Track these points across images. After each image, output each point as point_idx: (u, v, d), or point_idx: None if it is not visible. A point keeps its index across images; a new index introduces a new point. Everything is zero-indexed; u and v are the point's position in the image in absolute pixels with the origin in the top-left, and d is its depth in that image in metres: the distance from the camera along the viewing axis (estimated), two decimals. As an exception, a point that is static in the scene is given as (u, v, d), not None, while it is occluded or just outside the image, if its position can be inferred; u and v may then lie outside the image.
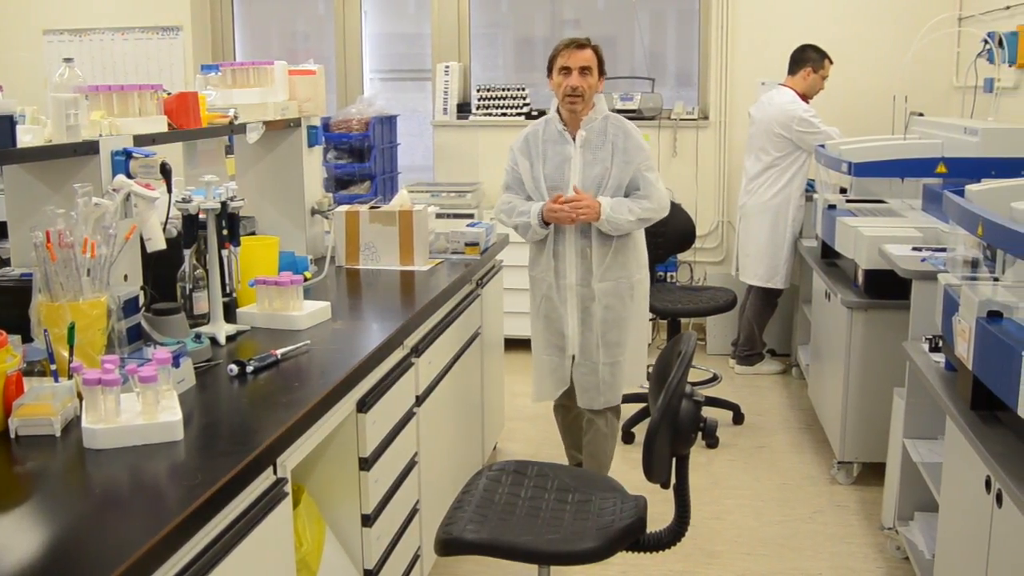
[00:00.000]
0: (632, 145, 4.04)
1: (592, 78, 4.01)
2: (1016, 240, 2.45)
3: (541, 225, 4.01)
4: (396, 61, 7.79)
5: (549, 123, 4.13)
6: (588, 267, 4.07)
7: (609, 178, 4.00)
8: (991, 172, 4.43)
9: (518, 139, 4.18)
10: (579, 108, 4.01)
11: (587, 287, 4.07)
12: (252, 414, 2.41)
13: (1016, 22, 5.25)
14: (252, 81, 3.83)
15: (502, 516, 2.67)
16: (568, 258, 4.08)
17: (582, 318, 4.11)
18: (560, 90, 4.02)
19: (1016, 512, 2.36)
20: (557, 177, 4.05)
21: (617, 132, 4.05)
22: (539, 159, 4.09)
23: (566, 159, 4.05)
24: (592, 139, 4.03)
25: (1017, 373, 2.36)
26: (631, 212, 3.97)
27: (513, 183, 4.17)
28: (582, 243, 4.06)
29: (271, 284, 3.15)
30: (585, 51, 4.00)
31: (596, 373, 4.13)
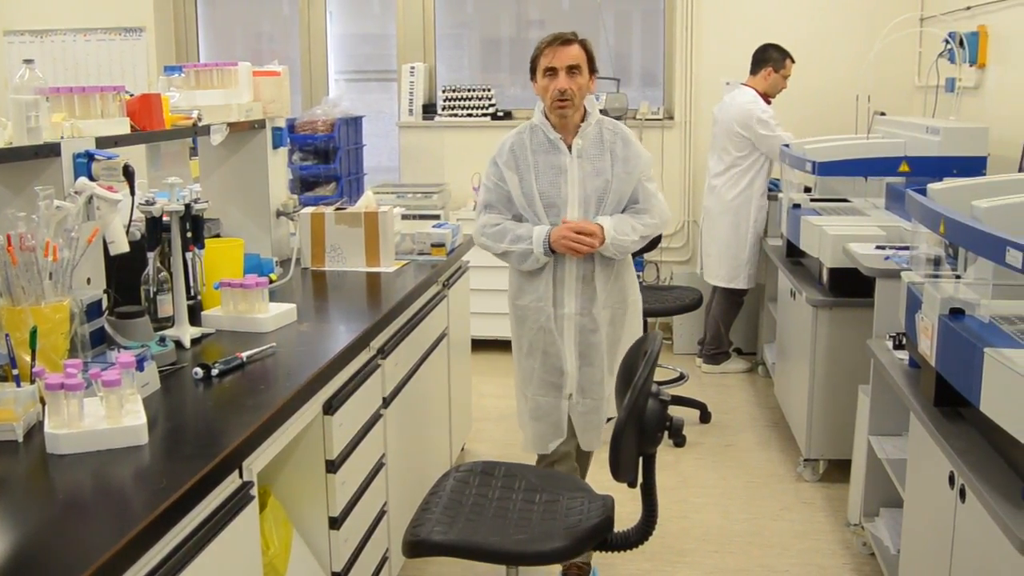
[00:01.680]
0: (632, 153, 3.60)
1: (582, 78, 3.53)
2: (977, 238, 2.47)
3: (547, 253, 3.52)
4: (361, 62, 7.77)
5: (535, 130, 3.62)
6: (591, 294, 3.61)
7: (610, 192, 3.55)
8: (953, 171, 4.48)
9: (500, 150, 3.66)
10: (570, 113, 3.53)
11: (587, 315, 3.62)
12: (217, 417, 2.39)
13: (977, 22, 5.31)
14: (216, 82, 3.81)
15: (470, 517, 2.67)
16: (569, 285, 3.60)
17: (581, 351, 3.64)
18: (547, 95, 3.54)
19: (979, 507, 2.39)
20: (553, 193, 3.55)
21: (615, 138, 3.61)
22: (530, 172, 3.57)
23: (561, 171, 3.55)
24: (589, 148, 3.57)
25: (979, 369, 2.38)
26: (634, 230, 3.56)
27: (497, 201, 3.64)
28: (584, 268, 3.59)
29: (236, 287, 3.13)
30: (571, 48, 3.53)
31: (599, 411, 3.71)
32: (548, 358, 3.66)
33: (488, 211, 3.67)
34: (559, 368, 3.65)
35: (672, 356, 6.72)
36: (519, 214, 3.62)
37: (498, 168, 3.64)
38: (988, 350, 2.35)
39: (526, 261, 3.56)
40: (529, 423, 3.75)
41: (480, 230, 3.66)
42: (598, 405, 3.69)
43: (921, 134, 4.81)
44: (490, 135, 6.99)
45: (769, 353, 5.98)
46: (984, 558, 2.42)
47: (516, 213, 3.62)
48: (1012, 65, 4.95)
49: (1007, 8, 4.95)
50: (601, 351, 3.65)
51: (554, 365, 3.65)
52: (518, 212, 3.61)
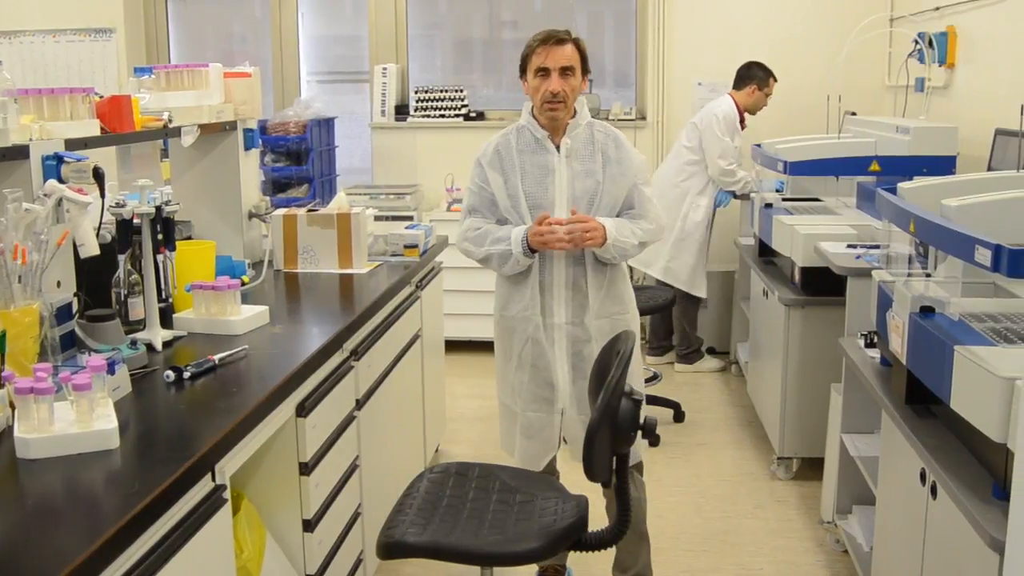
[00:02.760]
0: (625, 155, 3.42)
1: (575, 79, 3.36)
2: (946, 237, 2.49)
3: (526, 253, 3.31)
4: (333, 63, 7.75)
5: (522, 130, 3.46)
6: (582, 302, 3.40)
7: (601, 194, 3.37)
8: (923, 170, 4.51)
9: (485, 151, 3.48)
10: (561, 115, 3.36)
11: (579, 325, 3.41)
12: (190, 421, 2.38)
13: (946, 23, 5.35)
14: (187, 84, 3.79)
15: (444, 518, 2.66)
16: (558, 292, 3.40)
17: (573, 363, 3.43)
18: (538, 95, 3.36)
19: (950, 503, 2.41)
20: (539, 193, 3.38)
21: (607, 140, 3.43)
22: (515, 172, 3.40)
23: (548, 171, 3.38)
24: (578, 148, 3.40)
25: (949, 367, 2.40)
26: (634, 235, 3.37)
27: (481, 204, 3.46)
28: (574, 273, 3.39)
29: (208, 289, 3.11)
30: (565, 47, 3.35)
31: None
32: (538, 371, 3.45)
33: (471, 215, 3.49)
34: (550, 382, 3.44)
35: (646, 356, 6.73)
36: (504, 219, 3.43)
37: (482, 169, 3.47)
38: (958, 348, 2.37)
39: (507, 263, 3.36)
40: (520, 440, 3.52)
41: (462, 235, 3.48)
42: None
43: (891, 133, 4.85)
44: (463, 136, 7.03)
45: (742, 352, 6.00)
46: (955, 554, 2.44)
47: (501, 217, 3.44)
48: (980, 65, 4.99)
49: (976, 8, 4.99)
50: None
51: (545, 379, 3.44)
52: (503, 216, 3.43)
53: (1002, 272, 2.16)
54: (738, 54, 6.36)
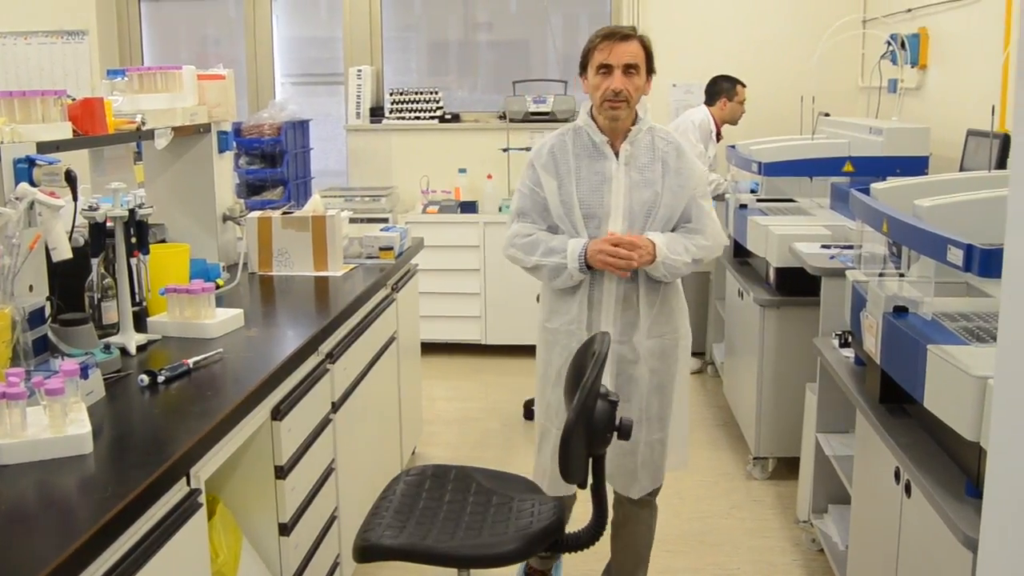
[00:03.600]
0: (686, 166, 3.23)
1: (639, 78, 3.15)
2: (919, 237, 2.51)
3: (582, 269, 3.14)
4: (308, 65, 7.73)
5: (579, 132, 3.25)
6: (632, 319, 3.23)
7: (660, 206, 3.19)
8: (896, 170, 4.55)
9: (539, 152, 3.28)
10: (623, 116, 3.16)
11: (627, 344, 3.23)
12: (164, 425, 2.37)
13: (918, 24, 5.39)
14: (160, 86, 3.77)
15: (420, 520, 2.66)
16: (607, 308, 3.22)
17: (618, 384, 3.24)
18: (598, 94, 3.15)
19: (924, 502, 2.42)
20: (595, 202, 3.18)
21: (668, 149, 3.23)
22: (570, 177, 3.20)
23: (605, 179, 3.18)
24: (638, 155, 3.20)
25: (922, 366, 2.41)
26: (687, 252, 3.19)
27: (532, 209, 3.26)
28: (626, 288, 3.21)
29: (182, 292, 3.10)
30: (630, 44, 3.15)
31: (635, 454, 3.31)
32: None
33: (521, 219, 3.29)
34: None
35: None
36: (555, 225, 3.25)
37: (535, 172, 3.27)
38: (931, 347, 2.39)
39: (559, 277, 3.18)
40: (551, 465, 3.19)
41: (510, 240, 3.29)
42: (633, 448, 3.28)
43: (864, 134, 4.88)
44: (438, 138, 7.04)
45: (718, 353, 6.02)
46: (929, 552, 2.46)
47: (552, 223, 3.26)
48: (952, 66, 5.03)
49: (947, 10, 5.03)
50: (642, 388, 3.26)
51: None
52: (554, 222, 3.25)
53: (974, 272, 2.18)
54: (713, 56, 6.39)
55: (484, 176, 6.86)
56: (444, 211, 6.75)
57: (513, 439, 5.32)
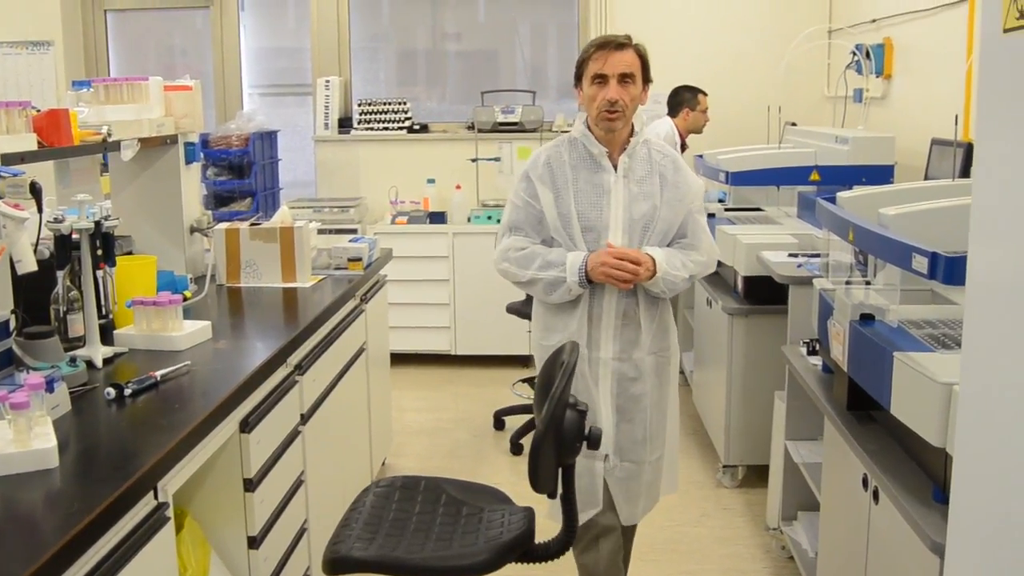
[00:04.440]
0: (683, 180, 3.19)
1: (635, 87, 3.10)
2: (884, 245, 2.52)
3: (582, 283, 3.07)
4: (276, 76, 7.71)
5: (575, 143, 3.19)
6: (633, 336, 3.16)
7: (657, 220, 3.13)
8: (861, 179, 4.58)
9: (534, 163, 3.21)
10: (619, 126, 3.10)
11: (627, 362, 3.16)
12: (131, 438, 2.35)
13: (882, 34, 5.44)
14: (126, 97, 3.75)
15: (390, 532, 2.65)
16: (607, 323, 3.14)
17: (619, 404, 3.18)
18: (594, 104, 3.09)
19: (891, 508, 2.44)
20: (593, 215, 3.11)
21: (665, 162, 3.18)
22: (568, 189, 3.13)
23: (604, 191, 3.12)
24: (636, 168, 3.15)
25: (889, 373, 2.43)
26: (684, 267, 3.14)
27: (526, 222, 3.19)
28: (627, 303, 3.14)
29: (149, 304, 3.08)
30: (625, 53, 3.10)
31: (639, 477, 3.24)
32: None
33: (514, 233, 3.21)
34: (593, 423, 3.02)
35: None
36: (549, 238, 3.18)
37: (531, 183, 3.17)
38: (897, 354, 2.41)
39: (556, 291, 3.10)
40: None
41: (503, 254, 3.20)
42: (638, 471, 3.22)
43: (831, 143, 4.92)
44: (407, 149, 7.03)
45: (687, 361, 6.03)
46: (897, 557, 2.47)
47: (546, 237, 3.18)
48: (917, 76, 5.08)
49: (911, 21, 5.08)
50: (644, 405, 3.20)
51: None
52: (548, 236, 3.17)
53: (939, 279, 2.19)
54: (680, 66, 6.41)
55: (453, 186, 6.86)
56: (413, 222, 6.74)
57: (483, 450, 5.31)
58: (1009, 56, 1.59)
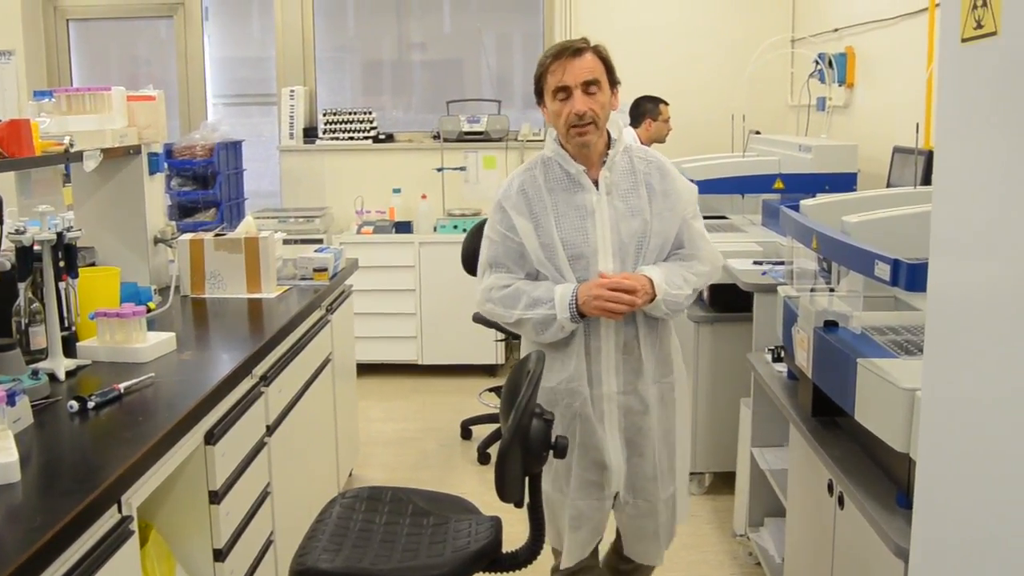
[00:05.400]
0: (672, 186, 2.92)
1: (602, 94, 2.82)
2: (847, 252, 2.54)
3: (574, 319, 2.79)
4: (240, 86, 7.68)
5: (549, 164, 2.90)
6: (636, 366, 2.89)
7: (650, 235, 2.86)
8: (825, 187, 4.62)
9: (507, 192, 2.92)
10: (593, 139, 2.82)
11: (633, 395, 2.90)
12: (94, 451, 2.33)
13: (845, 44, 5.48)
14: (88, 108, 3.72)
15: (356, 543, 2.64)
16: (607, 357, 2.88)
17: (627, 438, 2.92)
18: (561, 120, 2.81)
19: (856, 513, 2.45)
20: (579, 240, 2.83)
21: (649, 169, 2.92)
22: (548, 216, 2.85)
23: (587, 213, 2.84)
24: (619, 181, 2.87)
25: (853, 380, 2.45)
26: (687, 283, 2.88)
27: (506, 257, 2.91)
28: (626, 334, 2.88)
29: (112, 316, 3.05)
30: (584, 58, 2.81)
31: (655, 515, 3.00)
32: (587, 452, 2.91)
33: (495, 270, 2.93)
34: (600, 463, 2.91)
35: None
36: (534, 272, 2.90)
37: (506, 214, 2.89)
38: (861, 361, 2.42)
39: (547, 330, 2.82)
40: (568, 533, 2.97)
41: (485, 294, 2.92)
42: (652, 508, 2.99)
43: (794, 152, 4.95)
44: (372, 158, 7.02)
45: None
46: (863, 562, 2.49)
47: (530, 270, 2.90)
48: (878, 84, 5.12)
49: (872, 30, 5.12)
50: (653, 440, 2.94)
51: (594, 460, 2.91)
52: (533, 269, 2.89)
53: (901, 286, 2.21)
54: (645, 76, 6.44)
55: (419, 196, 6.85)
56: (379, 231, 6.73)
57: (451, 459, 5.30)
58: (966, 65, 1.61)
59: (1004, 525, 1.54)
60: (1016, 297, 1.48)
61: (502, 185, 2.98)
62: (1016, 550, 1.50)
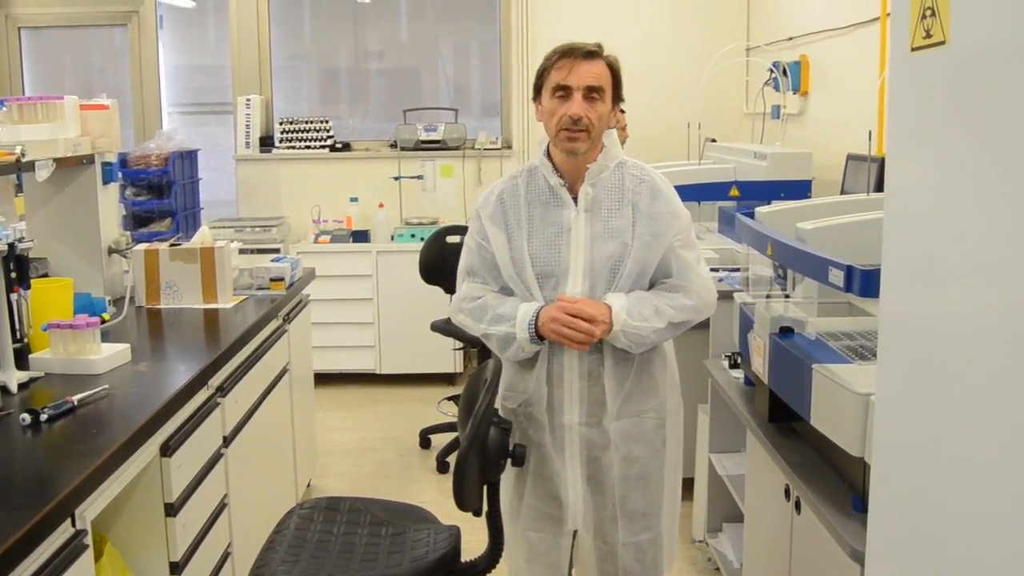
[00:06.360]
0: (662, 208, 2.73)
1: (603, 105, 2.69)
2: (802, 259, 2.56)
3: (533, 340, 2.64)
4: (196, 94, 7.63)
5: (534, 174, 2.77)
6: (599, 397, 2.71)
7: (627, 260, 2.68)
8: (780, 194, 4.65)
9: (486, 200, 2.80)
10: (582, 149, 2.66)
11: (597, 427, 2.72)
12: (47, 465, 2.31)
13: (799, 52, 5.53)
14: (41, 117, 3.68)
15: (315, 555, 2.62)
16: (569, 384, 2.71)
17: (589, 474, 2.75)
18: (554, 121, 2.66)
19: (813, 518, 2.47)
20: (550, 259, 2.69)
21: (640, 189, 2.74)
22: (520, 229, 2.72)
23: (562, 230, 2.69)
24: (602, 199, 2.71)
25: (808, 385, 2.46)
26: (659, 315, 2.67)
27: (481, 267, 2.79)
28: (590, 361, 2.70)
29: (65, 328, 3.02)
30: (595, 64, 2.71)
31: (615, 558, 2.80)
32: (541, 482, 2.77)
33: (470, 279, 2.82)
34: (555, 496, 2.77)
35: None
36: (507, 286, 2.77)
37: (480, 224, 2.78)
38: (816, 366, 2.44)
39: (509, 348, 2.69)
40: (512, 564, 2.89)
41: (458, 304, 2.82)
42: (611, 551, 2.79)
43: (750, 159, 4.99)
44: (329, 167, 7.00)
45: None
46: (819, 566, 2.51)
47: (504, 285, 2.77)
48: (831, 92, 5.17)
49: (826, 39, 5.17)
50: (612, 479, 2.75)
51: (549, 492, 2.77)
52: (507, 284, 2.77)
53: (854, 292, 2.23)
54: (601, 83, 6.44)
55: (376, 205, 6.84)
56: (336, 240, 6.71)
57: (410, 469, 5.29)
58: (916, 74, 1.63)
59: (957, 527, 1.55)
60: (967, 301, 1.50)
61: (484, 193, 2.87)
62: (968, 552, 1.52)
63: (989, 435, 1.45)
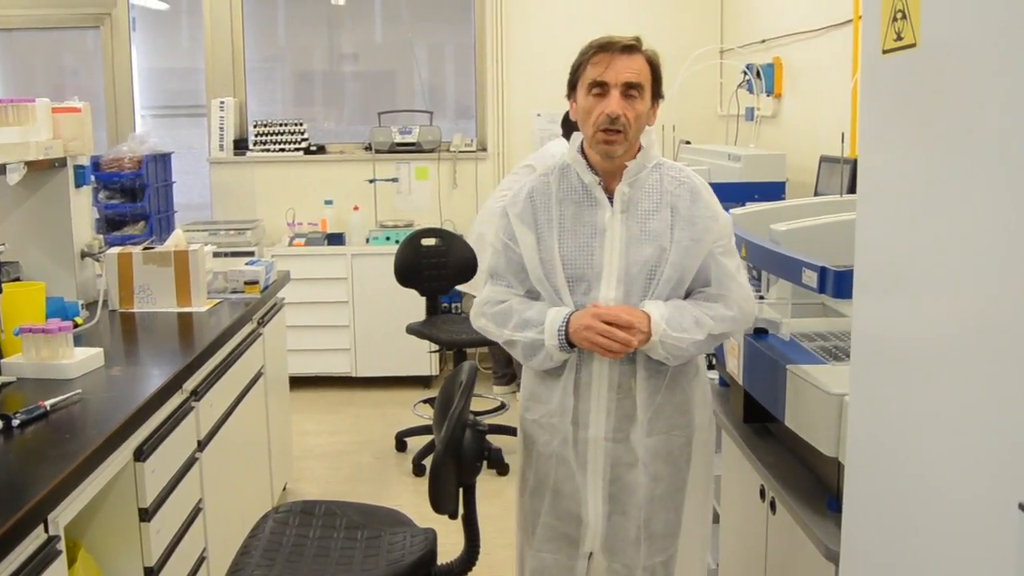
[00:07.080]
0: (702, 212, 2.57)
1: (642, 103, 2.53)
2: (776, 260, 2.57)
3: (563, 347, 2.49)
4: (169, 97, 7.59)
5: (566, 172, 2.62)
6: (629, 411, 2.56)
7: (665, 265, 2.52)
8: (754, 196, 4.66)
9: (515, 198, 2.64)
10: (619, 151, 2.51)
11: (624, 443, 2.56)
12: (19, 470, 2.28)
13: (772, 55, 5.56)
14: (11, 119, 3.65)
15: (290, 559, 2.62)
16: (597, 395, 2.56)
17: (611, 493, 2.59)
18: (590, 120, 2.52)
19: (788, 518, 2.48)
20: (582, 261, 2.53)
21: (680, 191, 2.58)
22: (551, 229, 2.56)
23: (596, 231, 2.54)
24: (639, 199, 2.55)
25: (782, 386, 2.47)
26: (699, 326, 2.50)
27: (506, 269, 2.63)
28: (620, 373, 2.55)
29: (38, 332, 3.00)
30: (634, 59, 2.58)
31: None
32: (560, 499, 2.62)
33: (494, 281, 2.66)
34: (575, 514, 2.62)
35: (491, 386, 6.73)
36: (535, 289, 2.61)
37: (507, 222, 2.63)
38: (790, 367, 2.45)
39: (535, 356, 2.54)
40: None
41: (480, 308, 2.66)
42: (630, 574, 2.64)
43: (724, 161, 5.01)
44: (303, 170, 6.98)
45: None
46: (794, 566, 2.52)
47: (531, 288, 2.61)
48: (804, 94, 5.20)
49: (798, 41, 5.20)
50: (639, 499, 2.59)
51: (568, 510, 2.62)
52: (534, 287, 2.61)
53: (828, 293, 2.24)
54: (575, 85, 6.46)
55: (351, 208, 6.83)
56: (311, 243, 6.69)
57: (386, 472, 5.28)
58: (887, 76, 1.64)
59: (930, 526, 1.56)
60: (938, 302, 1.51)
61: (513, 190, 2.72)
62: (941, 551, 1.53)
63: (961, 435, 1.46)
